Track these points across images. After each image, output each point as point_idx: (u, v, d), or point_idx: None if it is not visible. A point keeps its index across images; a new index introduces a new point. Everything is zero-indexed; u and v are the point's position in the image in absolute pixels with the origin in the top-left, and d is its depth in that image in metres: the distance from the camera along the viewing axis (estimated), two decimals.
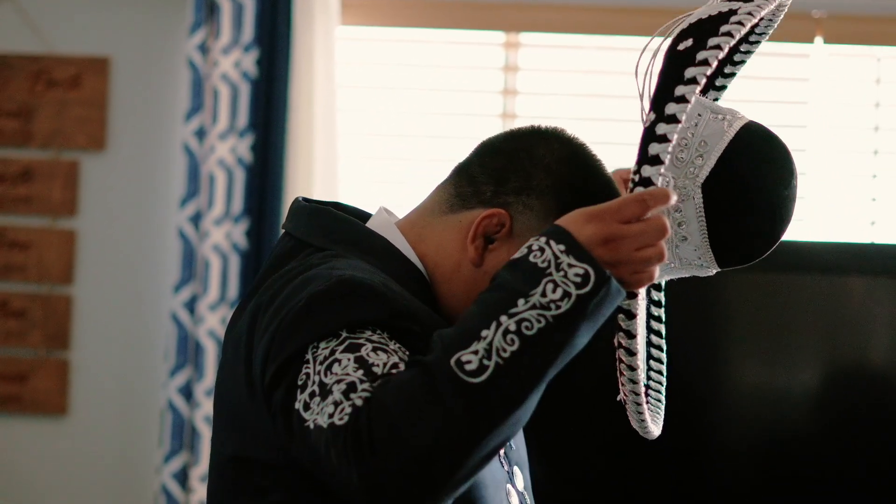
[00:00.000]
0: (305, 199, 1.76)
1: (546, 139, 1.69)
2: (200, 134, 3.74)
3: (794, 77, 3.90)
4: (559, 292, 1.43)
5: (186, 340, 3.72)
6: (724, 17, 1.61)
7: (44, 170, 3.86)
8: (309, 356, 1.51)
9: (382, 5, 3.90)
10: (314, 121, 3.73)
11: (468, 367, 1.41)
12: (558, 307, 1.43)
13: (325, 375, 1.47)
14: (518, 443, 1.83)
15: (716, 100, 1.80)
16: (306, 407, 1.47)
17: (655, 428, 1.77)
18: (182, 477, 3.71)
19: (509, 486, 1.74)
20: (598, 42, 3.93)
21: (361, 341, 1.49)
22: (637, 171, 1.55)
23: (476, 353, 1.42)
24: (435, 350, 1.44)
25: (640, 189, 1.53)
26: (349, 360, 1.47)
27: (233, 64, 3.72)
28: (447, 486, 1.41)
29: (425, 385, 1.41)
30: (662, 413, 1.82)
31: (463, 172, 1.70)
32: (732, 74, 1.82)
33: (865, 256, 3.29)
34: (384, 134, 3.92)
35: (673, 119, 1.55)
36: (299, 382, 1.50)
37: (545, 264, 1.45)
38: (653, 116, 1.57)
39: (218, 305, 3.69)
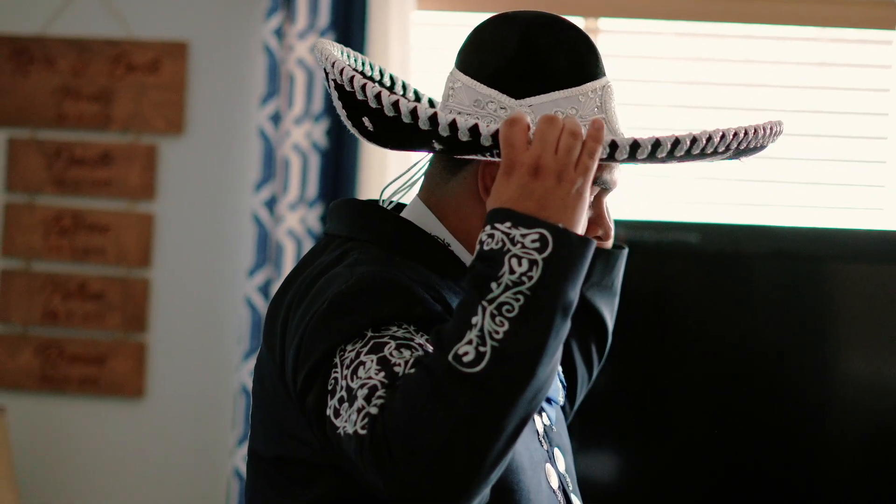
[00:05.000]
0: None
1: None
2: (276, 119, 3.75)
3: (875, 64, 3.84)
4: (525, 263, 1.43)
5: (260, 324, 3.74)
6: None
7: (122, 153, 3.89)
8: (336, 360, 1.51)
9: None
10: None
11: (466, 359, 1.40)
12: (530, 278, 1.42)
13: (352, 380, 1.48)
14: (560, 426, 1.82)
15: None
16: (336, 413, 1.48)
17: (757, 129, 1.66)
18: None
19: (549, 466, 1.73)
20: (677, 28, 3.90)
21: (385, 339, 1.49)
22: (473, 145, 1.55)
23: (471, 342, 1.41)
24: (434, 347, 1.43)
25: (493, 145, 1.55)
26: (372, 361, 1.47)
27: (308, 48, 3.72)
28: (476, 478, 1.41)
29: (429, 387, 1.40)
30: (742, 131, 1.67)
31: None
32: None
33: None
34: None
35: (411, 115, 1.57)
36: (329, 388, 1.51)
37: (500, 244, 1.44)
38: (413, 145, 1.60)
39: None
